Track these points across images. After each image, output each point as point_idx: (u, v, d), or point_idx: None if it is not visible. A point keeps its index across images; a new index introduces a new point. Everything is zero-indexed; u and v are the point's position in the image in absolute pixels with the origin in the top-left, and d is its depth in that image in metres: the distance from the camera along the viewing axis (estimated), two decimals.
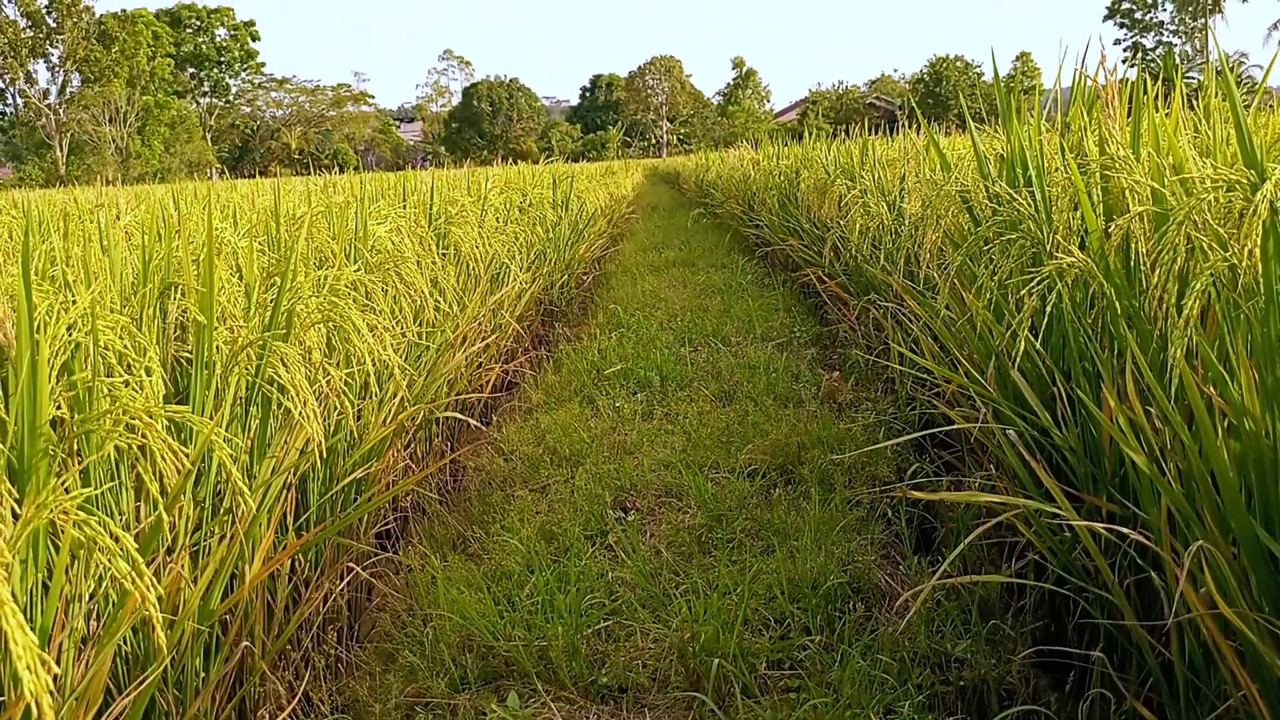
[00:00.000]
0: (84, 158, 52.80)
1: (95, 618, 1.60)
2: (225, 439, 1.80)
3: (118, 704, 1.54)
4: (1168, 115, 2.35)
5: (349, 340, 2.39)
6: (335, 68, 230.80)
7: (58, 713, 1.42)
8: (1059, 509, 1.83)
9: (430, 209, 4.72)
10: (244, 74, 67.78)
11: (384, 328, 2.61)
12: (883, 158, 5.86)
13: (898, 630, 2.33)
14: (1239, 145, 1.85)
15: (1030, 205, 2.40)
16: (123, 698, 1.55)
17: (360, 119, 70.31)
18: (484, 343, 4.02)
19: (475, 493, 3.51)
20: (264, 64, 69.50)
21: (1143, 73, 2.32)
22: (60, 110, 54.08)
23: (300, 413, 2.06)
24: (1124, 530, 1.69)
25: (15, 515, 1.35)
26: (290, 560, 2.19)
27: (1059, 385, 2.18)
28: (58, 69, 54.95)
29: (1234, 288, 1.67)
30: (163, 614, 1.35)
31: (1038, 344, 2.17)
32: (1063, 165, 2.38)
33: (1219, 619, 1.49)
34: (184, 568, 1.72)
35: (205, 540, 1.88)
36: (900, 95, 64.61)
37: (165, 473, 1.60)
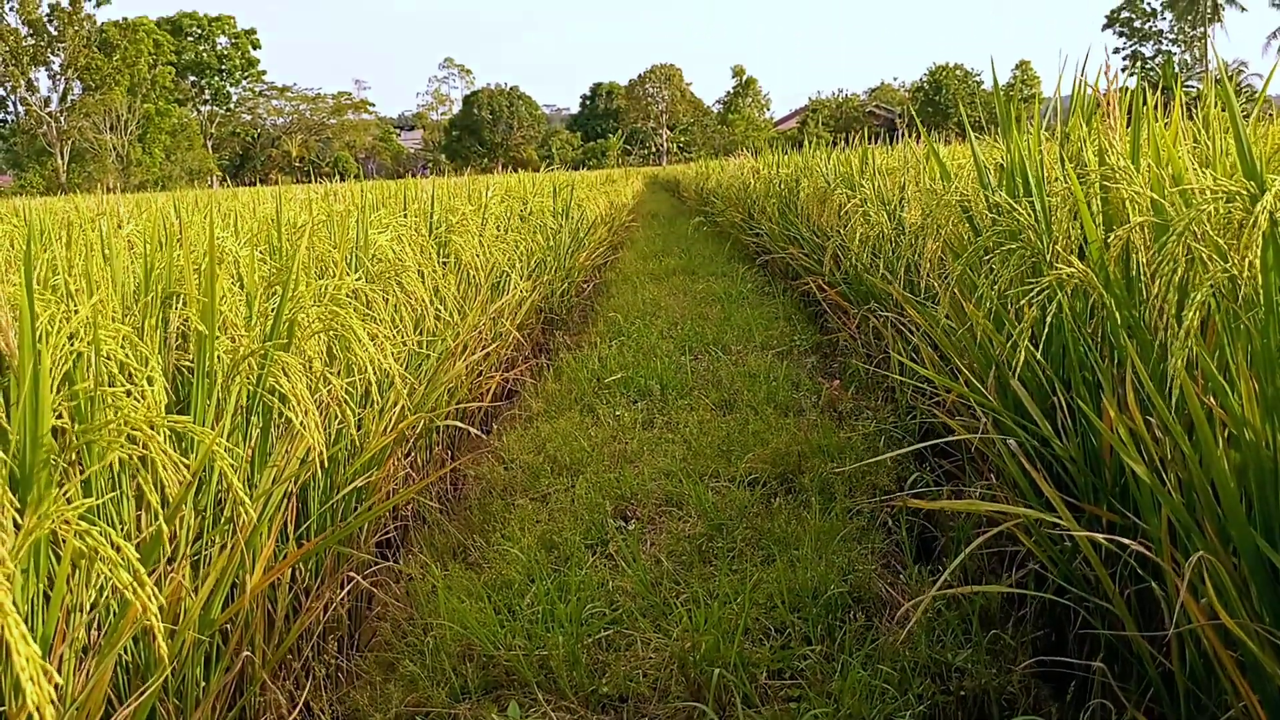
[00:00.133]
0: (85, 165, 52.87)
1: (96, 627, 1.60)
2: (226, 448, 1.80)
3: (119, 714, 1.54)
4: (1167, 125, 2.36)
5: (350, 349, 2.40)
6: (336, 76, 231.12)
7: None
8: (1059, 519, 1.83)
9: (431, 217, 4.73)
10: (245, 82, 67.95)
11: (385, 336, 2.61)
12: (883, 167, 5.88)
13: (898, 640, 2.32)
14: (1238, 156, 1.86)
15: (1030, 215, 2.41)
16: (124, 708, 1.55)
17: (361, 127, 70.46)
18: (484, 351, 4.02)
19: (476, 501, 3.51)
20: (265, 72, 69.70)
21: (1142, 81, 2.32)
22: (61, 118, 54.16)
23: (301, 422, 2.06)
24: (1124, 540, 1.69)
25: (17, 525, 1.35)
26: (291, 569, 2.19)
27: (1059, 395, 2.18)
28: (59, 77, 55.07)
29: (1234, 299, 1.68)
30: (164, 624, 1.35)
31: (1038, 354, 2.17)
32: (1062, 175, 2.38)
33: (1220, 629, 1.49)
34: (185, 577, 1.72)
35: (206, 549, 1.88)
36: (900, 103, 64.76)
37: (166, 482, 1.60)
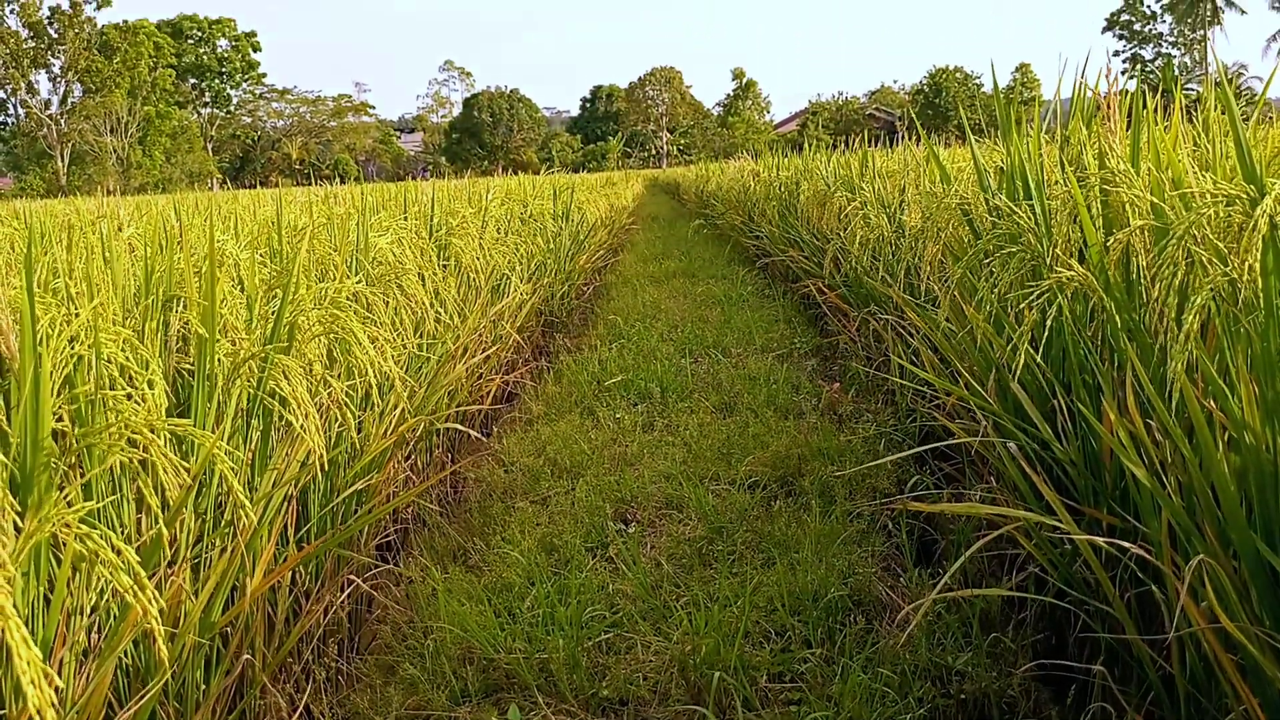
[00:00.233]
0: (85, 168, 52.90)
1: (96, 630, 1.60)
2: (227, 452, 1.80)
3: (119, 717, 1.54)
4: (1167, 129, 2.36)
5: (350, 352, 2.40)
6: (336, 78, 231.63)
7: None
8: (1060, 522, 1.83)
9: (431, 220, 4.73)
10: (245, 84, 68.00)
11: (385, 339, 2.62)
12: (882, 169, 5.88)
13: (899, 643, 2.32)
14: (1238, 160, 1.86)
15: (1030, 218, 2.41)
16: (124, 711, 1.55)
17: (361, 129, 70.51)
18: (484, 354, 4.02)
19: (476, 504, 3.51)
20: (265, 75, 69.82)
21: (1142, 84, 2.33)
22: (61, 120, 54.20)
23: (301, 425, 2.07)
24: (1125, 544, 1.69)
25: (18, 528, 1.35)
26: (291, 572, 2.19)
27: (1059, 398, 2.18)
28: (59, 79, 55.10)
29: (1234, 302, 1.68)
30: (164, 627, 1.35)
31: (1038, 357, 2.17)
32: (1062, 179, 2.39)
33: (1220, 633, 1.49)
34: (185, 580, 1.72)
35: (206, 552, 1.88)
36: (900, 106, 64.77)
37: (167, 486, 1.60)
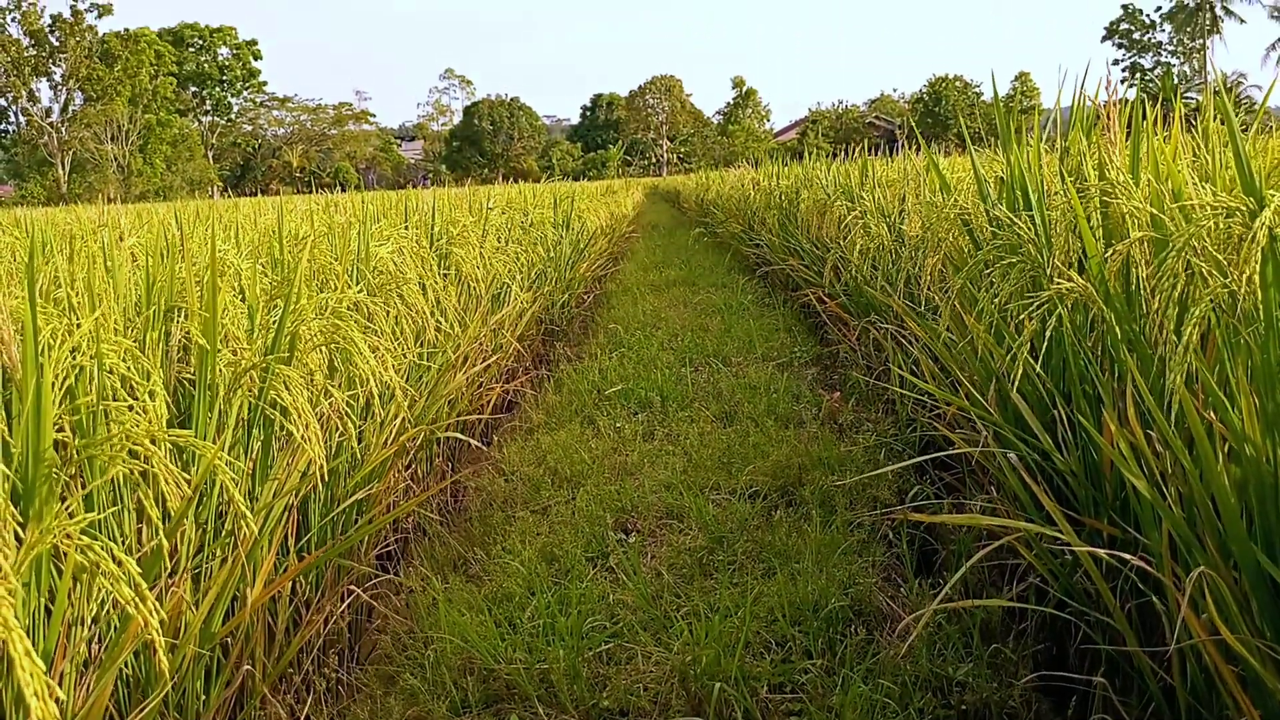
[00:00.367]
0: (86, 175, 53.01)
1: (97, 641, 1.60)
2: (228, 462, 1.80)
3: None
4: (1167, 140, 2.36)
5: (352, 362, 2.40)
6: (337, 86, 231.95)
7: None
8: (1060, 533, 1.83)
9: (432, 229, 4.74)
10: (246, 93, 68.14)
11: (386, 349, 2.62)
12: (882, 178, 5.89)
13: (899, 653, 2.32)
14: (1237, 172, 1.86)
15: (1030, 229, 2.41)
16: None
17: (361, 137, 70.64)
18: (485, 363, 4.03)
19: (476, 513, 3.51)
20: (266, 83, 69.88)
21: (1141, 93, 2.33)
22: (62, 128, 54.30)
23: (302, 435, 2.07)
24: (1125, 556, 1.69)
25: (19, 539, 1.35)
26: (291, 582, 2.19)
27: (1059, 408, 2.18)
28: (60, 87, 55.22)
29: (1234, 314, 1.68)
30: (164, 638, 1.35)
31: (1038, 367, 2.18)
32: (1062, 190, 2.39)
33: (1221, 644, 1.49)
34: (186, 591, 1.72)
35: (207, 563, 1.88)
36: (900, 115, 64.92)
37: (168, 496, 1.60)
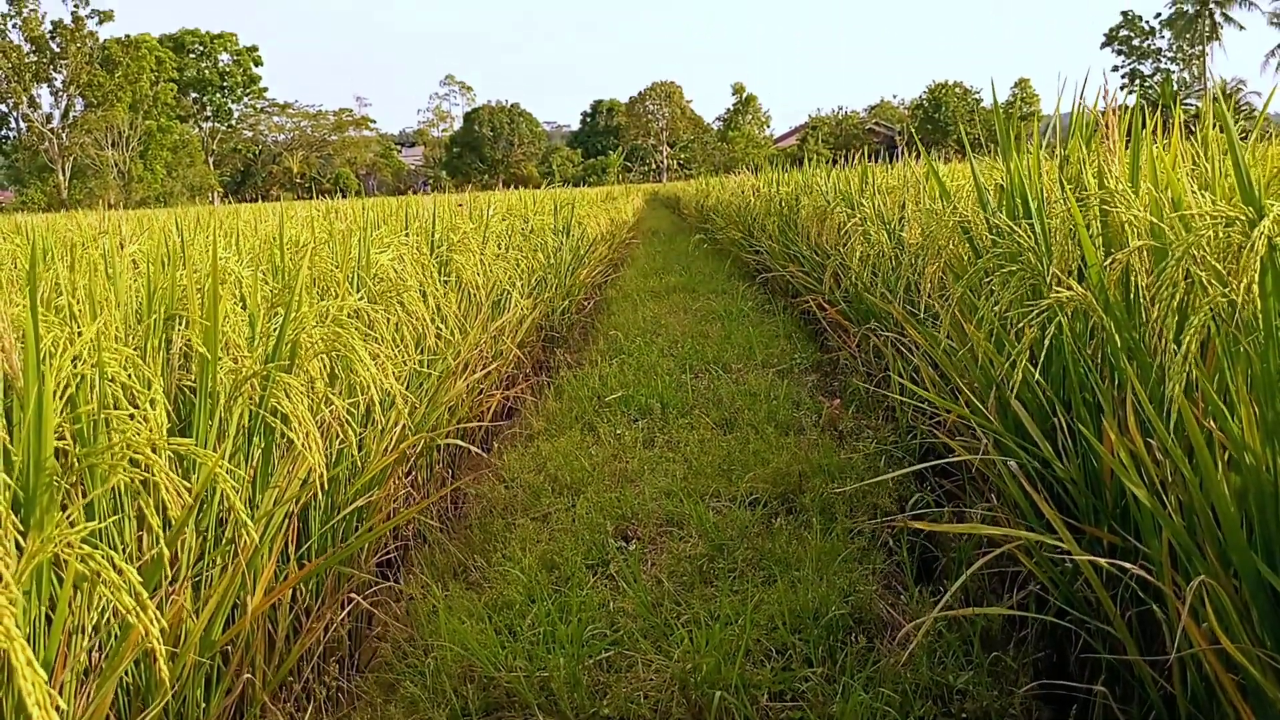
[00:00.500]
0: (86, 181, 53.06)
1: (98, 650, 1.60)
2: (228, 470, 1.80)
3: None
4: (1166, 148, 2.37)
5: (352, 369, 2.40)
6: (337, 93, 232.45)
7: None
8: (1060, 541, 1.83)
9: (432, 236, 4.75)
10: (246, 99, 68.27)
11: (386, 356, 2.62)
12: (882, 185, 5.90)
13: (900, 661, 2.32)
14: (1237, 181, 1.87)
15: (1030, 237, 2.42)
16: None
17: (362, 143, 70.73)
18: (485, 370, 4.02)
19: (476, 521, 3.51)
20: (266, 89, 70.09)
21: (1140, 100, 2.34)
22: (63, 134, 54.38)
23: (303, 443, 2.07)
24: (1125, 565, 1.69)
25: (20, 547, 1.35)
26: (291, 590, 2.19)
27: (1060, 416, 2.18)
28: (61, 93, 55.32)
29: (1233, 322, 1.68)
30: (165, 646, 1.35)
31: (1038, 375, 2.18)
32: (1062, 198, 2.39)
33: (1221, 653, 1.49)
34: (186, 599, 1.72)
35: (207, 571, 1.88)
36: (900, 121, 64.98)
37: (169, 504, 1.61)
